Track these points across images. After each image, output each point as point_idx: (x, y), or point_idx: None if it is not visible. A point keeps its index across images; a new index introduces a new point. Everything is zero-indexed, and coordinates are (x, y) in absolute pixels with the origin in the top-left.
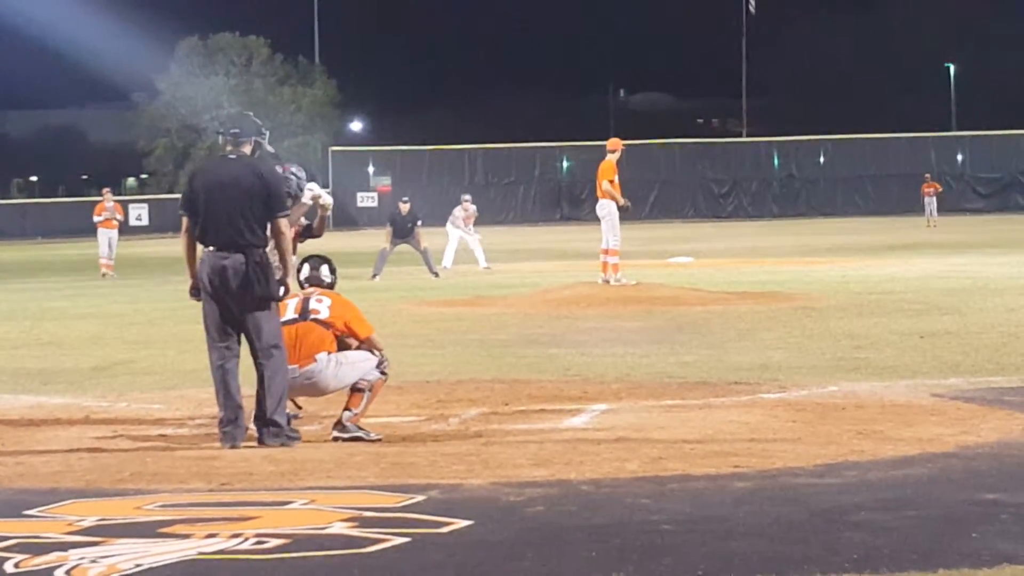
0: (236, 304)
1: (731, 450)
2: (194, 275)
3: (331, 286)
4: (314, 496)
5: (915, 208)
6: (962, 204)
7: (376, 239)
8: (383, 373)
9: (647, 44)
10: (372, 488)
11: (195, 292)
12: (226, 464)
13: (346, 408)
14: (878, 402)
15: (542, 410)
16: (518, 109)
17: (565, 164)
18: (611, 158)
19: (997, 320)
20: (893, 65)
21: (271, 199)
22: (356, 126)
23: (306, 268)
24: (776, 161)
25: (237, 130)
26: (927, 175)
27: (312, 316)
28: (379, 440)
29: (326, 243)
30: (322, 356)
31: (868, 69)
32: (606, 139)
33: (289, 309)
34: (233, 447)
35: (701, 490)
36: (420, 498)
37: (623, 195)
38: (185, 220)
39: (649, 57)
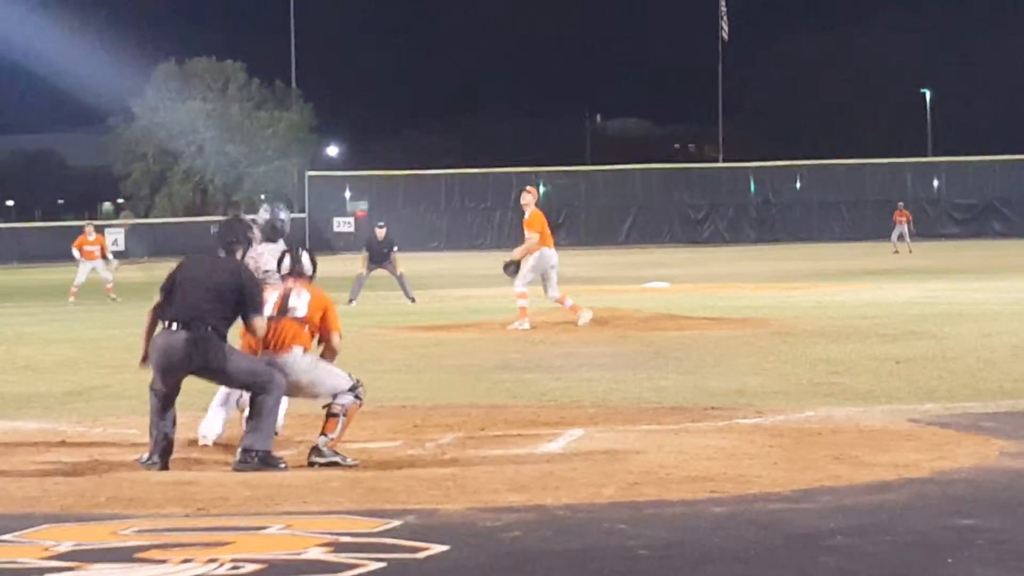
0: (184, 373)
1: (707, 475)
2: (147, 348)
3: (311, 278)
4: (290, 521)
5: (892, 234)
6: (938, 230)
7: (352, 264)
8: (358, 398)
9: (624, 69)
10: (348, 513)
11: (146, 362)
12: (202, 489)
13: (322, 433)
14: (854, 427)
15: (518, 435)
16: (495, 134)
17: (541, 189)
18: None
19: (973, 346)
20: (869, 91)
21: (245, 302)
22: (333, 151)
23: (287, 260)
24: (752, 186)
25: (232, 239)
26: (900, 203)
27: (290, 314)
28: (355, 465)
29: None
30: (298, 349)
31: (844, 95)
32: (583, 164)
33: (269, 305)
34: (162, 468)
35: (677, 515)
36: (396, 523)
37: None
38: (158, 298)
39: (626, 82)
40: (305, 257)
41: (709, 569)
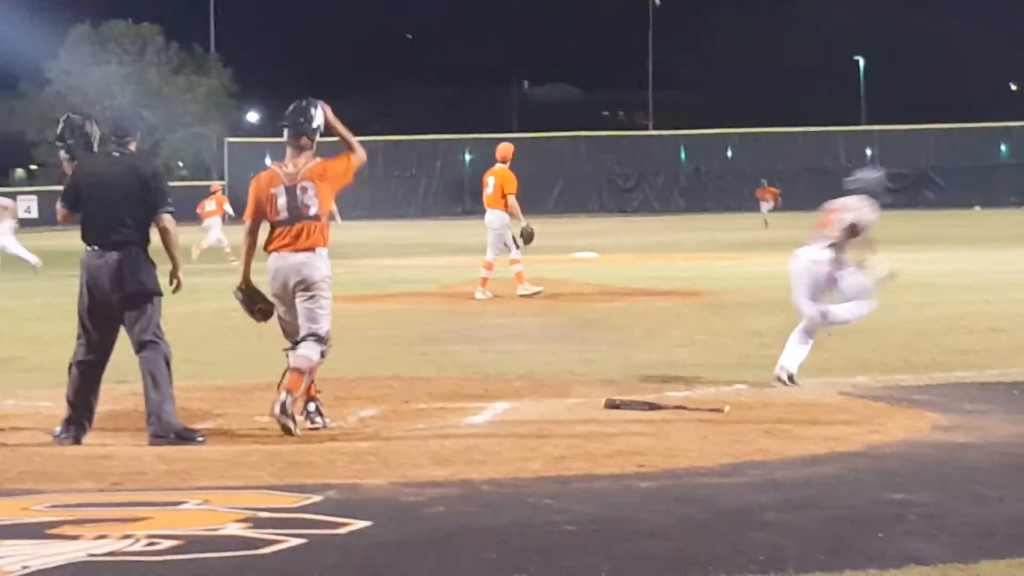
0: (113, 302)
1: (635, 449)
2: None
3: (313, 133)
4: (208, 496)
5: (824, 203)
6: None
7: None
8: (323, 355)
9: (552, 35)
10: (267, 488)
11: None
12: (117, 463)
13: (287, 390)
14: (785, 400)
15: (443, 408)
16: (420, 100)
17: (468, 157)
18: (506, 167)
19: (906, 317)
20: (802, 58)
21: (152, 196)
22: (253, 117)
23: (290, 121)
24: (683, 155)
25: (124, 133)
26: (763, 180)
27: (304, 215)
28: (300, 436)
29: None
30: (321, 250)
31: (777, 62)
32: (510, 131)
33: (280, 206)
34: (75, 443)
35: (605, 490)
36: (317, 498)
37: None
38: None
39: (554, 48)
40: (316, 111)
41: (637, 545)
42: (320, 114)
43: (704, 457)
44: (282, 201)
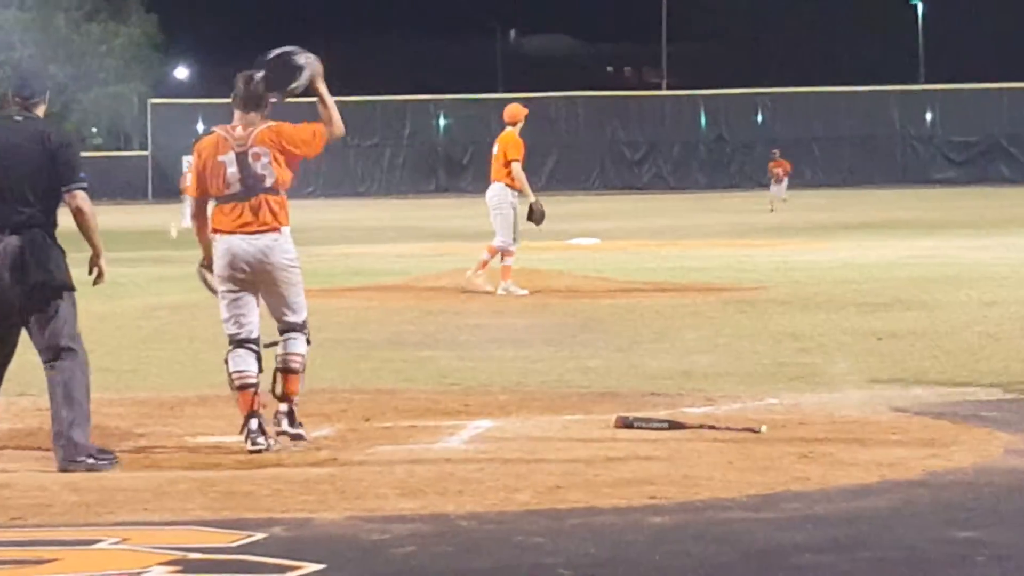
0: (13, 298)
1: (645, 477)
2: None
3: (263, 104)
4: (127, 534)
5: (874, 178)
6: (931, 174)
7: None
8: (308, 342)
9: None
10: (200, 524)
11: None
12: (18, 494)
13: (286, 397)
14: (827, 418)
15: (412, 427)
16: (384, 54)
17: (443, 122)
18: (514, 131)
19: (973, 317)
20: (847, 3)
21: (60, 171)
22: (181, 73)
23: (239, 81)
24: (703, 120)
25: (29, 94)
26: (775, 151)
27: (260, 186)
28: (310, 443)
29: (144, 219)
30: (286, 229)
31: (816, 8)
32: (494, 91)
33: (230, 176)
34: None
35: (608, 526)
36: (260, 536)
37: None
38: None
39: None
40: (304, 75)
41: None
42: (307, 78)
43: (729, 487)
44: (232, 171)
